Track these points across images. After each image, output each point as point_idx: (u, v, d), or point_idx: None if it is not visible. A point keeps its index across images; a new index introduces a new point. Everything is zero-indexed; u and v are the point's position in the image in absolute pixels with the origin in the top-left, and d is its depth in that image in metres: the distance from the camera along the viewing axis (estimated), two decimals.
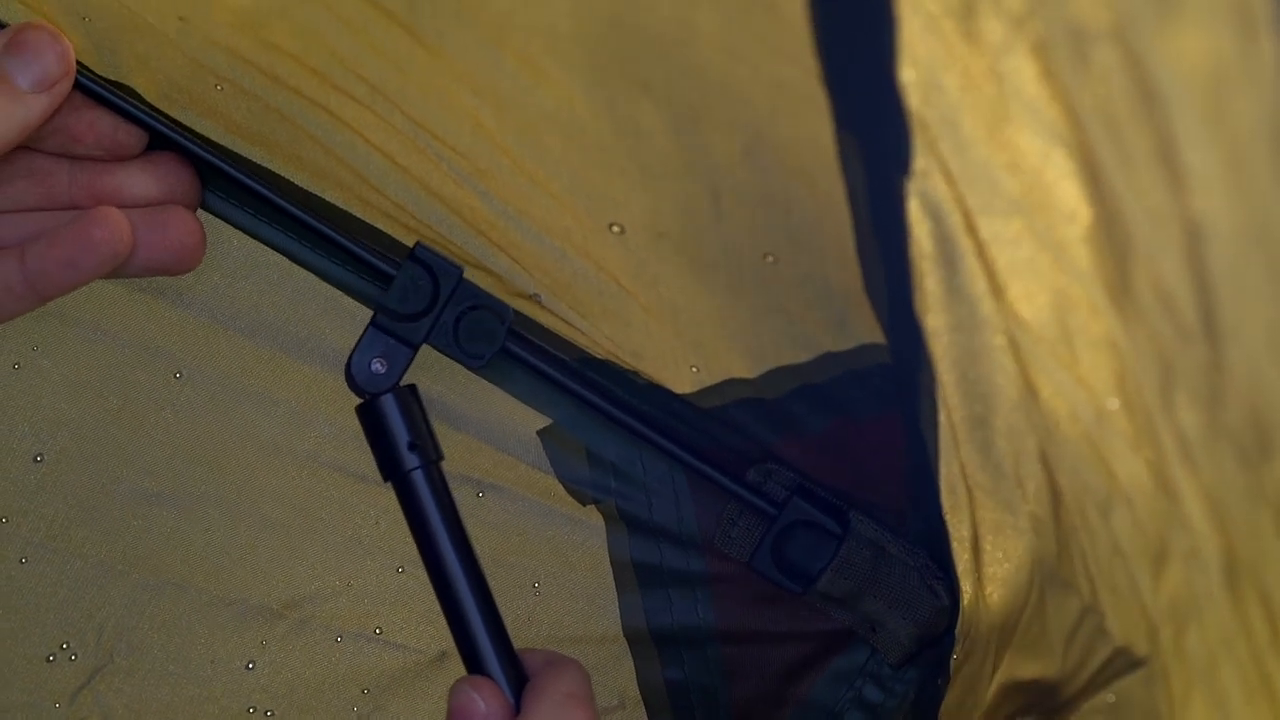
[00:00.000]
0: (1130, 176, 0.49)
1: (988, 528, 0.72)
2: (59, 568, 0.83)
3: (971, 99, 0.52)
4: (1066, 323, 0.57)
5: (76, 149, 0.71)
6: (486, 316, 0.74)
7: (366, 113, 0.70)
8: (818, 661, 0.85)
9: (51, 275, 0.69)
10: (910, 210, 0.58)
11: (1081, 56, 0.48)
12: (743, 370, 0.76)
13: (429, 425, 0.74)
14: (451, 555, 0.72)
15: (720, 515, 0.82)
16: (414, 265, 0.73)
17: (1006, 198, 0.54)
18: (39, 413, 0.81)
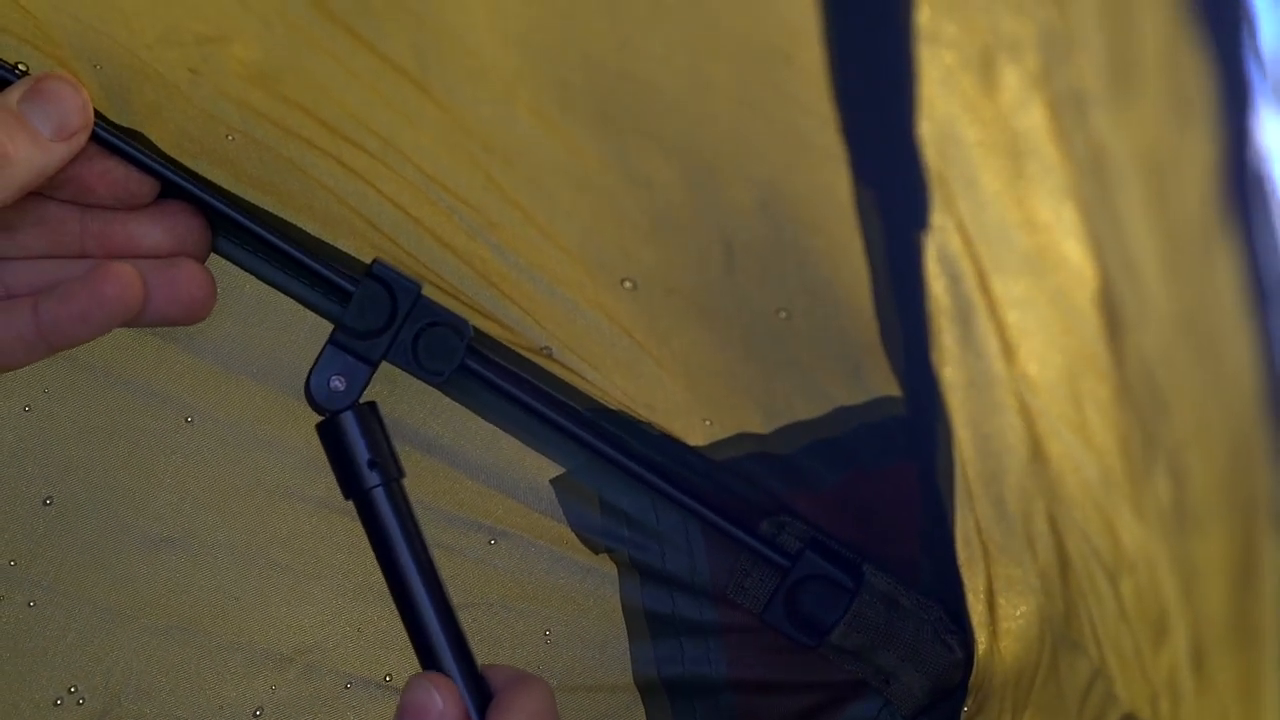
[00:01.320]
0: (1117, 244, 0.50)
1: (1001, 582, 0.72)
2: (67, 611, 0.84)
3: (988, 155, 0.53)
4: (1075, 385, 0.57)
5: (89, 198, 0.72)
6: (445, 333, 0.75)
7: (378, 164, 0.71)
8: (830, 711, 0.86)
9: (63, 329, 0.71)
10: (927, 265, 0.58)
11: (1083, 118, 0.49)
12: (755, 425, 0.76)
13: (389, 443, 0.75)
14: (414, 572, 0.72)
15: (733, 566, 0.83)
16: (371, 282, 0.74)
17: (1019, 256, 0.55)
18: (49, 456, 0.82)
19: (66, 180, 0.71)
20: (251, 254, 0.78)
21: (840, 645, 0.81)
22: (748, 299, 0.70)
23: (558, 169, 0.67)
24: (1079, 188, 0.51)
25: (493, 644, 0.86)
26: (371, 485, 0.73)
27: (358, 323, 0.74)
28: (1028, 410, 0.61)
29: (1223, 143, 0.43)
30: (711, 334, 0.72)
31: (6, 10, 0.71)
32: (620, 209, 0.68)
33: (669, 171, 0.65)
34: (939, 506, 0.74)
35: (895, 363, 0.70)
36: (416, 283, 0.74)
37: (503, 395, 0.77)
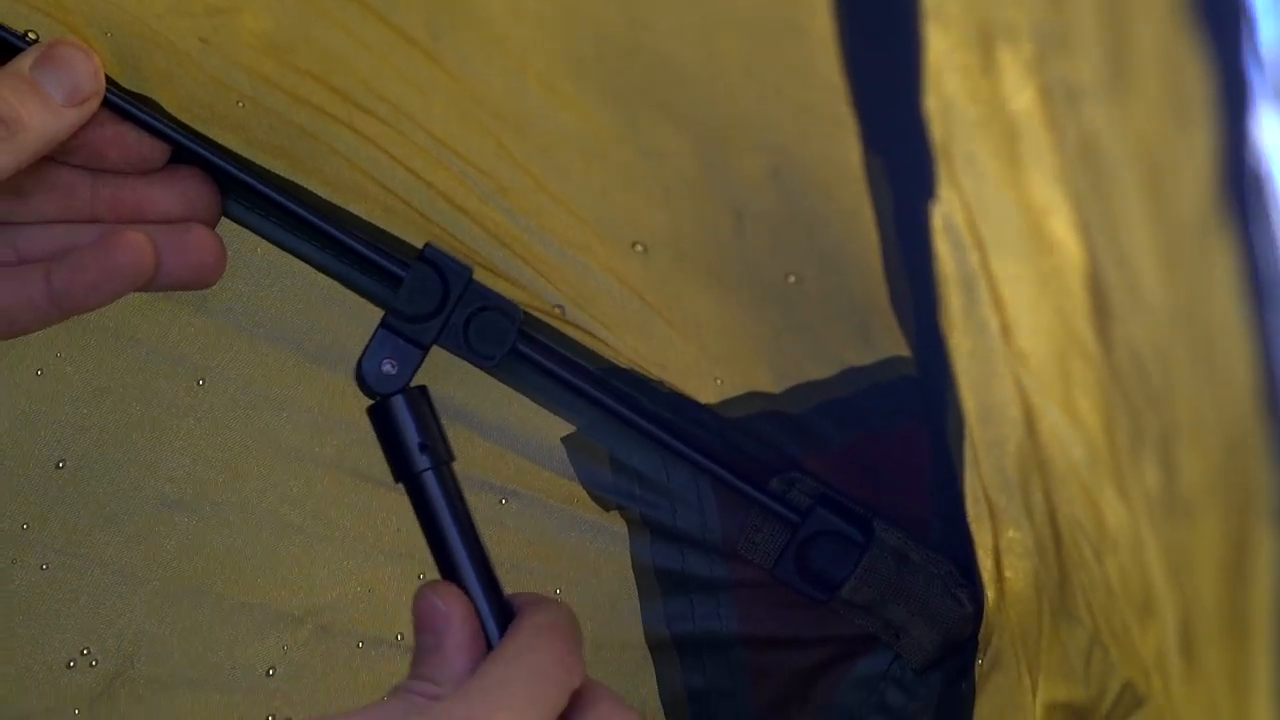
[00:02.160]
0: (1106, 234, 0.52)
1: (1005, 542, 0.75)
2: (80, 574, 0.87)
3: (987, 134, 0.54)
4: (1064, 366, 0.58)
5: (100, 163, 0.75)
6: (496, 318, 0.77)
7: (390, 131, 0.73)
8: (840, 666, 0.88)
9: (76, 295, 0.73)
10: (935, 233, 0.60)
11: (1074, 110, 0.50)
12: (766, 384, 0.78)
13: (440, 426, 0.76)
14: (463, 555, 0.74)
15: (744, 523, 0.85)
16: (423, 266, 0.76)
17: (1014, 236, 0.56)
18: (61, 419, 0.85)
19: (78, 145, 0.73)
20: (262, 217, 0.80)
21: (850, 600, 0.83)
22: (758, 264, 0.72)
23: (569, 139, 0.69)
24: (1069, 176, 0.52)
25: None
26: (422, 468, 0.75)
27: (409, 307, 0.76)
28: (1021, 384, 0.63)
29: (1221, 142, 0.44)
30: (722, 297, 0.74)
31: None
32: (631, 177, 0.69)
33: (680, 142, 0.67)
34: (948, 465, 0.76)
35: (905, 325, 0.72)
36: (468, 266, 0.76)
37: (515, 353, 0.79)
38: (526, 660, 0.68)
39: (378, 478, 0.85)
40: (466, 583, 0.73)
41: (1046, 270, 0.56)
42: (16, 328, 0.75)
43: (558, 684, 0.68)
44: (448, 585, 0.73)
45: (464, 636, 0.71)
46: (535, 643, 0.70)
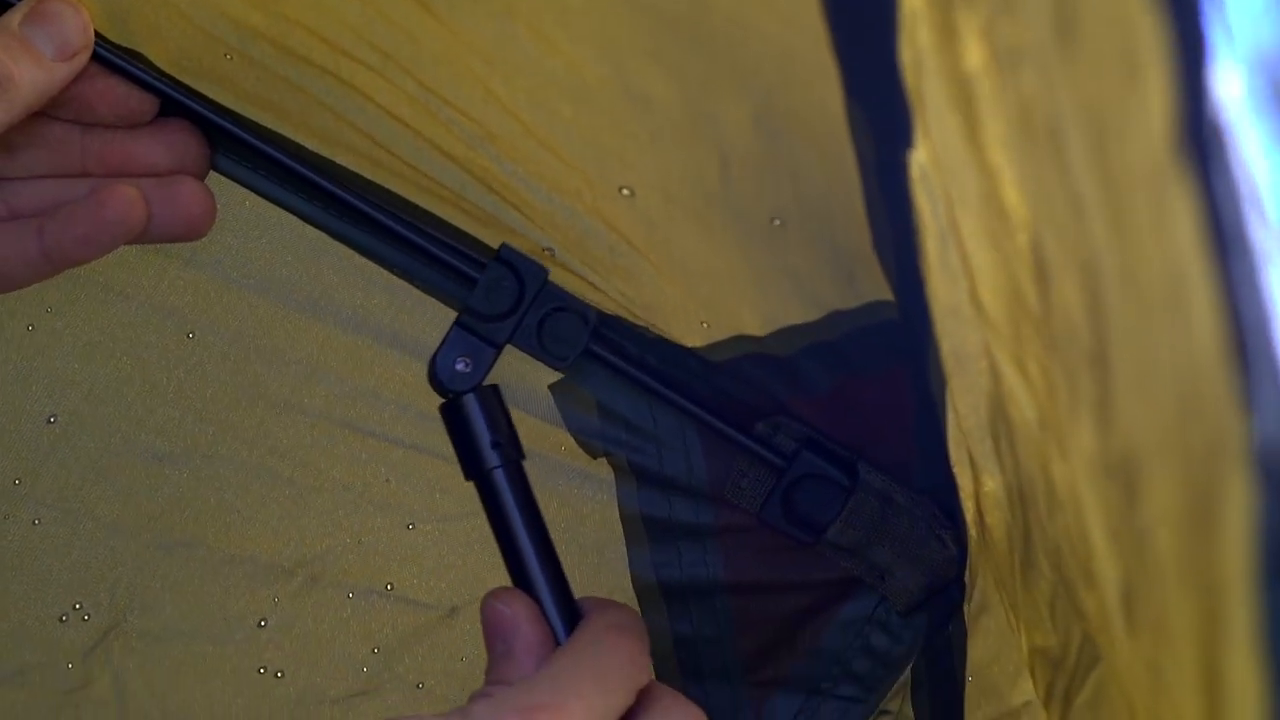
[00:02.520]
0: (1043, 198, 0.53)
1: (983, 489, 0.76)
2: (71, 528, 0.88)
3: (950, 91, 0.56)
4: (1017, 328, 0.60)
5: (89, 117, 0.76)
6: (570, 318, 0.79)
7: (378, 79, 0.74)
8: (825, 610, 0.89)
9: (67, 250, 0.74)
10: (913, 183, 0.61)
11: (1015, 73, 0.51)
12: (753, 327, 0.80)
13: (511, 425, 0.78)
14: (532, 555, 0.76)
15: (730, 468, 0.86)
16: (499, 266, 0.78)
17: (975, 196, 0.57)
18: (52, 374, 0.86)
19: (67, 99, 0.75)
20: (250, 170, 0.82)
21: (836, 542, 0.84)
22: (743, 208, 0.73)
23: (557, 84, 0.70)
24: (1011, 139, 0.53)
25: (491, 550, 0.88)
26: (492, 466, 0.76)
27: (483, 306, 0.78)
28: (986, 341, 0.65)
29: (1177, 97, 0.44)
30: (708, 240, 0.75)
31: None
32: (618, 123, 0.71)
33: (667, 89, 0.68)
34: (932, 409, 0.77)
35: (887, 269, 0.73)
36: (544, 267, 0.78)
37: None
38: (594, 654, 0.70)
39: (366, 428, 0.87)
40: (534, 582, 0.75)
41: (999, 232, 0.57)
42: (10, 282, 0.76)
43: (624, 680, 0.70)
44: (512, 590, 0.75)
45: (533, 639, 0.73)
46: (603, 639, 0.71)
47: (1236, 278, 0.44)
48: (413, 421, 0.87)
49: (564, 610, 0.75)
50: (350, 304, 0.85)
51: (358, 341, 0.85)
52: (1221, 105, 0.43)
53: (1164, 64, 0.44)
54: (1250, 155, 0.44)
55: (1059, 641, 0.74)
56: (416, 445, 0.88)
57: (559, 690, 0.67)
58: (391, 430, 0.87)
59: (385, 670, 0.91)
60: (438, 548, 0.89)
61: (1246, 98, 0.44)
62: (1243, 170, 0.44)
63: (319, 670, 0.91)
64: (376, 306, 0.85)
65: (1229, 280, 0.44)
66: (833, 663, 0.90)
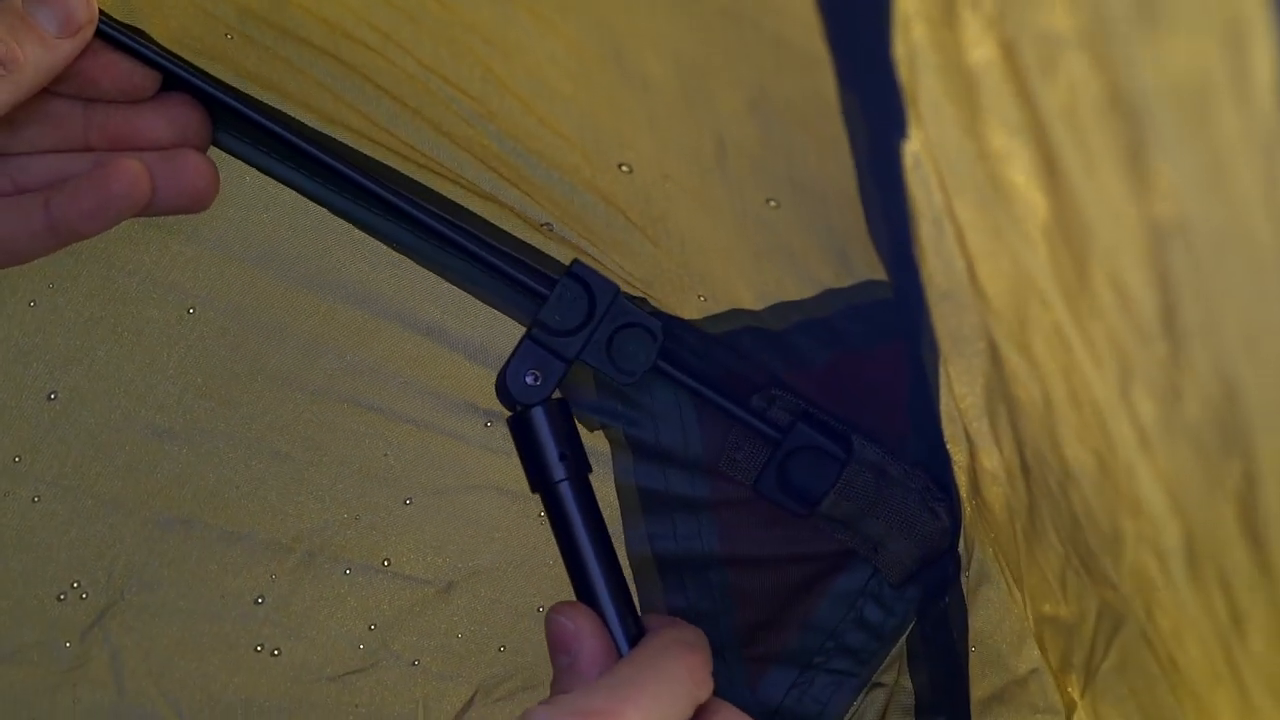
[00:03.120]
0: (1093, 179, 0.53)
1: (979, 465, 0.78)
2: (71, 506, 0.89)
3: (949, 82, 0.57)
4: (1022, 310, 0.62)
5: (92, 91, 0.78)
6: (640, 334, 0.82)
7: (378, 58, 0.76)
8: (819, 583, 0.91)
9: (73, 223, 0.76)
10: (906, 171, 0.63)
11: (1049, 60, 0.52)
12: (748, 302, 0.81)
13: (578, 438, 0.81)
14: (596, 567, 0.79)
15: (726, 441, 0.87)
16: (571, 282, 0.81)
17: (973, 183, 0.59)
18: (53, 350, 0.87)
19: (70, 74, 0.77)
20: (251, 146, 0.83)
21: (830, 514, 0.86)
22: (739, 188, 0.74)
23: (556, 63, 0.72)
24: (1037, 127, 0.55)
25: (487, 526, 0.91)
26: (559, 479, 0.79)
27: (554, 320, 0.81)
28: (986, 324, 0.66)
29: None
30: (705, 217, 0.77)
31: None
32: (616, 102, 0.73)
33: (663, 72, 0.70)
34: (925, 386, 0.79)
35: (881, 251, 0.74)
36: (614, 284, 0.81)
37: (501, 276, 0.83)
38: (656, 665, 0.73)
39: (366, 403, 0.88)
40: (598, 596, 0.79)
41: (1003, 218, 0.59)
42: (17, 256, 0.78)
43: (685, 693, 0.72)
44: (575, 605, 0.78)
45: (597, 651, 0.76)
46: (667, 651, 0.74)
47: None
48: (412, 396, 0.88)
49: (627, 624, 0.78)
50: (351, 278, 0.86)
51: (358, 316, 0.87)
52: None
53: (1268, 30, 0.45)
54: None
55: (1073, 611, 0.76)
56: (415, 420, 0.89)
57: (617, 698, 0.70)
58: (391, 405, 0.88)
59: (382, 648, 0.92)
60: (435, 523, 0.90)
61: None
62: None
63: (315, 647, 0.92)
64: (378, 281, 0.86)
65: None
66: (826, 636, 0.92)
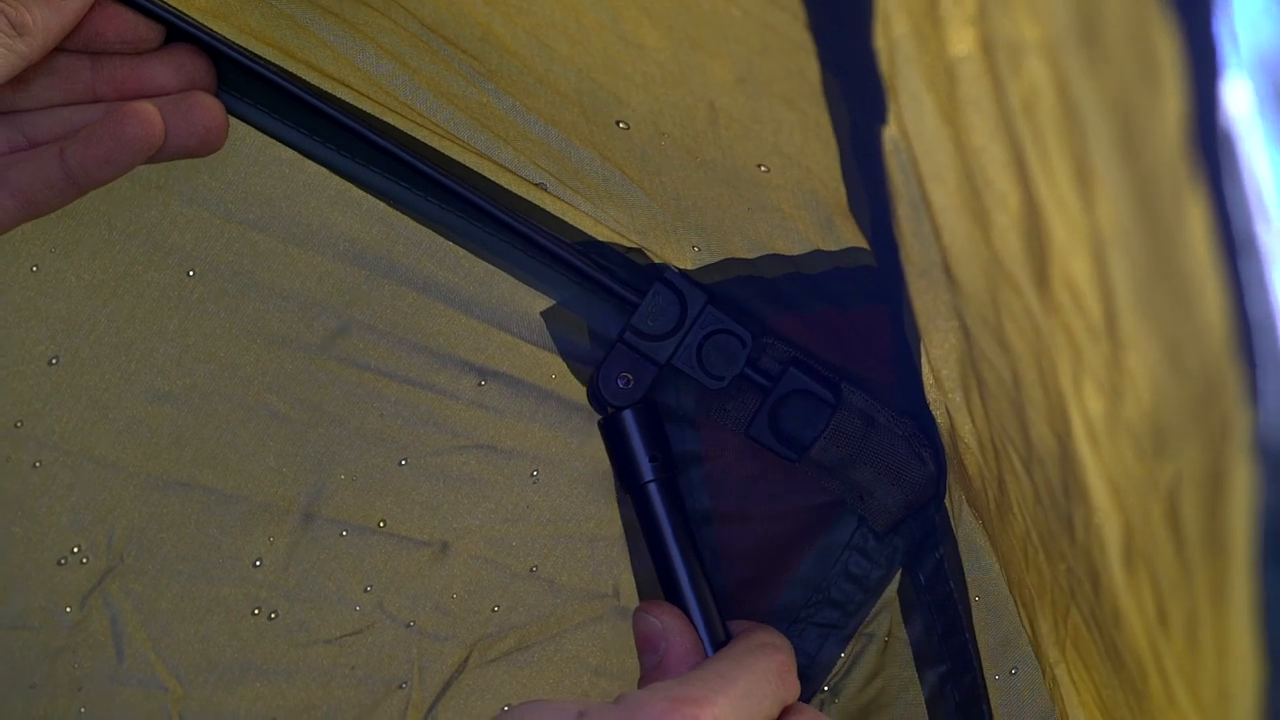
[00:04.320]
0: (1049, 180, 0.56)
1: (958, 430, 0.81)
2: (72, 470, 0.91)
3: (930, 75, 0.60)
4: (994, 295, 0.64)
5: (98, 44, 0.81)
6: (729, 340, 0.85)
7: (381, 18, 0.80)
8: (805, 539, 0.93)
9: (90, 170, 0.79)
10: (886, 155, 0.66)
11: (1015, 63, 0.55)
12: (742, 252, 0.84)
13: (667, 440, 0.85)
14: (682, 568, 0.83)
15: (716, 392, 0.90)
16: (663, 289, 0.85)
17: (950, 172, 0.62)
18: (54, 315, 0.90)
19: (76, 29, 0.79)
20: (251, 105, 0.86)
21: (820, 460, 0.88)
22: (731, 150, 0.78)
23: (555, 25, 0.76)
24: (1008, 123, 0.57)
25: (481, 486, 0.93)
26: (648, 480, 0.83)
27: (647, 326, 0.84)
28: (956, 305, 0.70)
29: (1190, 104, 0.47)
30: (699, 172, 0.81)
31: None
32: (614, 63, 0.76)
33: (658, 39, 0.73)
34: (909, 349, 0.82)
35: (862, 226, 0.78)
36: (705, 291, 0.84)
37: (501, 225, 0.85)
38: (748, 663, 0.76)
39: (362, 363, 0.90)
40: (684, 595, 0.83)
41: (977, 207, 0.61)
42: (36, 208, 0.81)
43: (773, 693, 0.76)
44: (661, 604, 0.82)
45: (684, 649, 0.80)
46: (760, 651, 0.78)
47: (1245, 279, 0.48)
48: (407, 355, 0.90)
49: (712, 625, 0.82)
50: (349, 236, 0.89)
51: (355, 275, 0.89)
52: (1232, 115, 0.47)
53: (1178, 73, 0.47)
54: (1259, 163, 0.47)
55: (1034, 583, 0.79)
56: (410, 379, 0.91)
57: (710, 688, 0.73)
58: (386, 364, 0.90)
59: (377, 609, 0.94)
60: (430, 484, 0.92)
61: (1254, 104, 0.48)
62: (1252, 177, 0.47)
63: (313, 609, 0.94)
64: (373, 239, 0.88)
65: (1237, 281, 0.48)
66: (812, 590, 0.94)
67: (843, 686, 0.94)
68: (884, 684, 0.93)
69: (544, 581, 0.93)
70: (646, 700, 0.71)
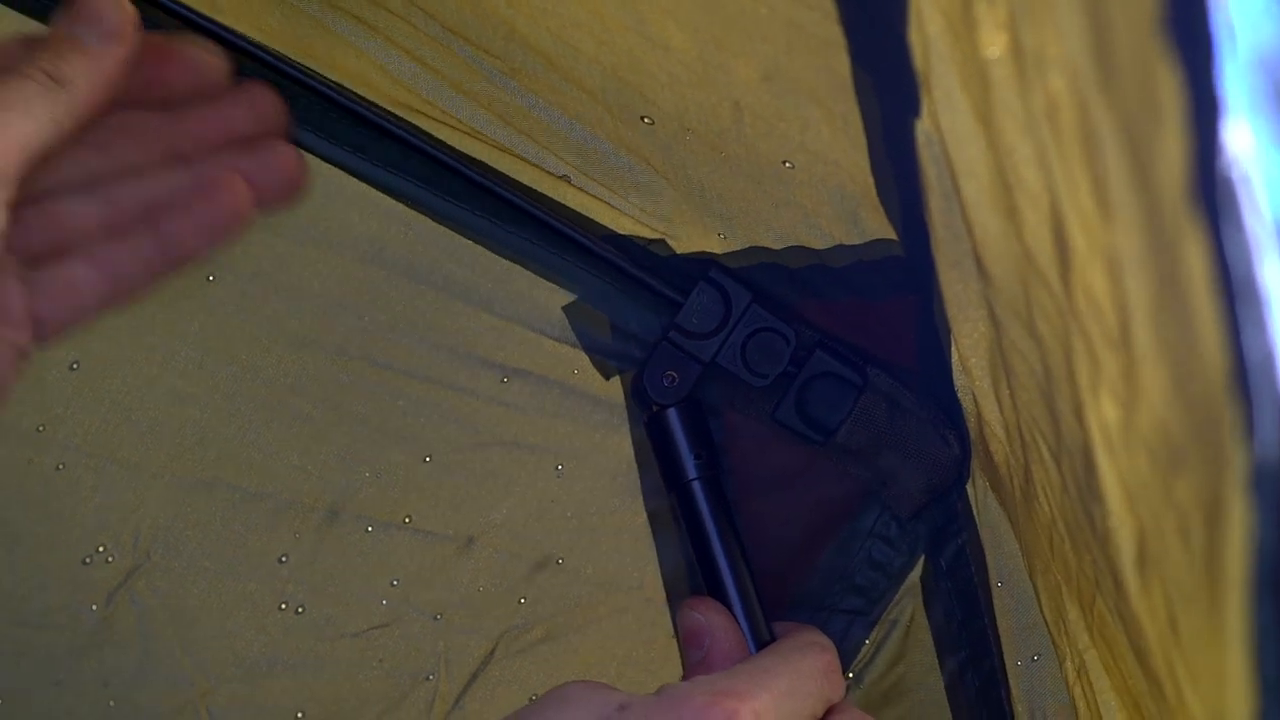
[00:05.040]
0: (1072, 192, 0.56)
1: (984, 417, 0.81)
2: (95, 471, 0.91)
3: (964, 74, 0.60)
4: (1026, 290, 0.64)
5: (166, 93, 0.79)
6: (773, 338, 0.85)
7: (402, 23, 0.80)
8: (829, 528, 0.93)
9: (187, 244, 0.78)
10: (919, 148, 0.66)
11: (1041, 75, 0.55)
12: (767, 243, 0.84)
13: (712, 439, 0.85)
14: (725, 566, 0.83)
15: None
16: (708, 287, 0.84)
17: (984, 169, 0.62)
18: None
19: (144, 84, 0.78)
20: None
21: (845, 445, 0.88)
22: (755, 147, 0.78)
23: (580, 26, 0.76)
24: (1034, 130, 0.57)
25: (505, 483, 0.93)
26: (691, 478, 0.83)
27: (691, 324, 0.84)
28: (988, 296, 0.69)
29: (1192, 146, 0.47)
30: (724, 168, 0.80)
31: None
32: (639, 62, 0.76)
33: (683, 40, 0.73)
34: (936, 337, 0.82)
35: (892, 217, 0.78)
36: (750, 290, 0.84)
37: (525, 215, 0.86)
38: (793, 659, 0.76)
39: (383, 362, 0.90)
40: (727, 593, 0.83)
41: (1009, 204, 0.61)
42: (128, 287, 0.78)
43: (818, 691, 0.76)
44: (706, 600, 0.83)
45: (728, 645, 0.80)
46: (806, 649, 0.78)
47: (1243, 322, 0.48)
48: (429, 354, 0.90)
49: (755, 623, 0.82)
50: (369, 237, 0.88)
51: (374, 275, 0.89)
52: (1234, 160, 0.46)
53: (1180, 114, 0.47)
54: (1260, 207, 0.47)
55: (1060, 569, 0.79)
56: (432, 378, 0.91)
57: (753, 682, 0.73)
58: (408, 363, 0.90)
59: (404, 603, 0.94)
60: (454, 480, 0.92)
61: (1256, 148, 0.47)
62: (1253, 221, 0.47)
63: (339, 604, 0.94)
64: (393, 240, 0.88)
65: (1235, 323, 0.48)
66: (836, 577, 0.94)
67: (867, 673, 0.94)
68: (906, 669, 0.94)
69: (570, 574, 0.93)
70: (688, 693, 0.71)
